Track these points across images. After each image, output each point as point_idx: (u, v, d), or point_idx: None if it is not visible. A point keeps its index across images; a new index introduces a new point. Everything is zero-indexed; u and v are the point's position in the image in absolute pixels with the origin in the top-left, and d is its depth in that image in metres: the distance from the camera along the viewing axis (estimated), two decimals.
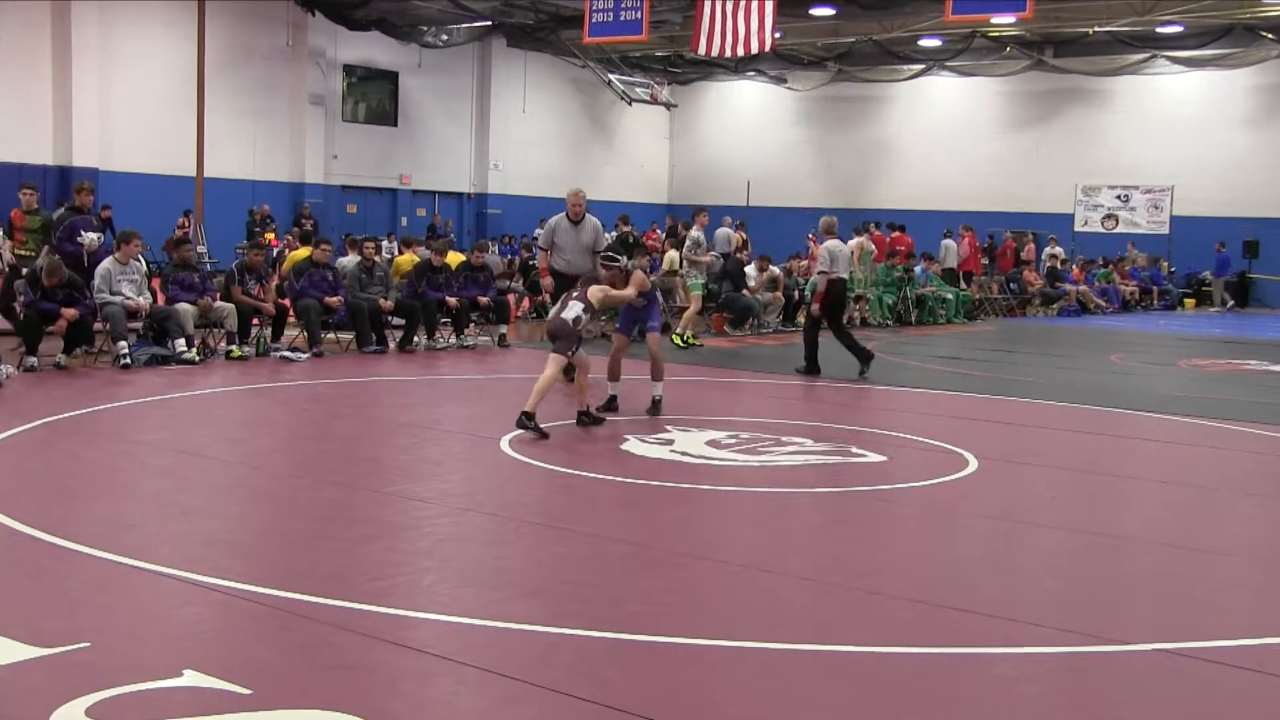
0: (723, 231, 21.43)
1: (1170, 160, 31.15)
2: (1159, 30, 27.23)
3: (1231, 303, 30.13)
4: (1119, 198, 32.31)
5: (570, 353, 9.22)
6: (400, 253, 18.35)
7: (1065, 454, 9.28)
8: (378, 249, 15.42)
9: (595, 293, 9.46)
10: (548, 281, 12.35)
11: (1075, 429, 10.45)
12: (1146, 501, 7.92)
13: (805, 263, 22.16)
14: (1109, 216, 32.41)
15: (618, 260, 9.94)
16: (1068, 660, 4.65)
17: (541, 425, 8.75)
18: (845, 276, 13.75)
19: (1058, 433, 10.26)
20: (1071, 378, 14.09)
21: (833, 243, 13.45)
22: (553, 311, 9.82)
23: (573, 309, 9.28)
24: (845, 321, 16.89)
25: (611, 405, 10.03)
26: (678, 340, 15.93)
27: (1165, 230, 31.63)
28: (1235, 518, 7.42)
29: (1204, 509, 7.65)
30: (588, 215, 12.13)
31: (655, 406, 10.04)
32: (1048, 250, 28.90)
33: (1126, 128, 32.03)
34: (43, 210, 13.34)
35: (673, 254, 19.44)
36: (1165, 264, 31.15)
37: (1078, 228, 32.42)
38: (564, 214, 12.17)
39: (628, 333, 10.51)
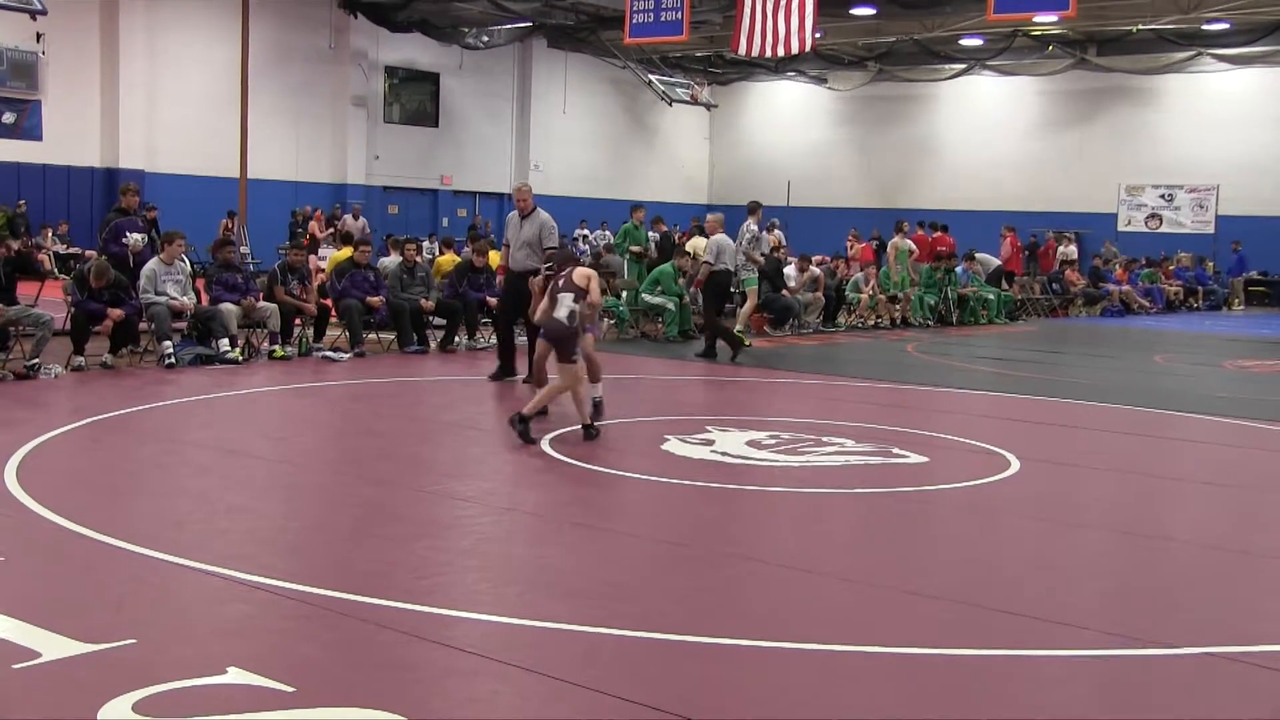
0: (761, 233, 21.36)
1: (1215, 159, 30.72)
2: (1204, 28, 26.87)
3: (1243, 306, 29.74)
4: (1163, 197, 31.92)
5: (573, 357, 8.60)
6: (441, 253, 18.46)
7: (1109, 455, 9.18)
8: (419, 249, 15.50)
9: (580, 276, 8.72)
10: (500, 280, 12.19)
11: (1119, 430, 10.34)
12: (1192, 503, 7.83)
13: (852, 262, 22.02)
14: (1153, 216, 32.03)
15: (614, 275, 9.36)
16: (1113, 664, 4.60)
17: (596, 423, 8.83)
18: (730, 269, 14.89)
19: (1101, 434, 10.14)
20: (1115, 378, 13.93)
21: (720, 237, 14.74)
22: (540, 310, 9.16)
23: (563, 305, 8.58)
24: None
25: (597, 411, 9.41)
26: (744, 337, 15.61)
27: (1210, 230, 31.21)
28: None
29: (1252, 511, 7.54)
30: (537, 210, 11.63)
31: (596, 409, 9.22)
32: (1061, 249, 28.34)
33: (1171, 126, 31.63)
34: (3, 206, 12.98)
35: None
36: (1210, 264, 30.74)
37: (1121, 227, 32.05)
38: (516, 210, 11.82)
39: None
